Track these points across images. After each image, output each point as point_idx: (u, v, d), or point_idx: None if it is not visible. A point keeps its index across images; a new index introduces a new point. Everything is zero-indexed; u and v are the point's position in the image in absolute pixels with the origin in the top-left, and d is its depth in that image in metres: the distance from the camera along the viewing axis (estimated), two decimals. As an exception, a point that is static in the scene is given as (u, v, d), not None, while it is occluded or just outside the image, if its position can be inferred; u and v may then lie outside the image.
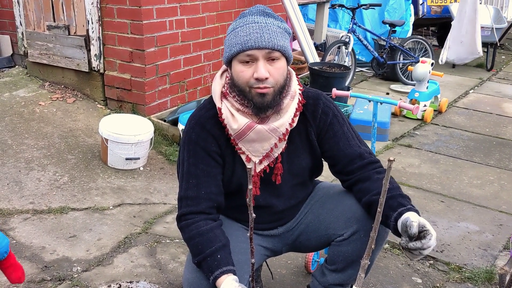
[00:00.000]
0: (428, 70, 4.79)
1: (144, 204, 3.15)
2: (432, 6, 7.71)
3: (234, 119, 1.69)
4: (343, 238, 1.82)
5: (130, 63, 4.04)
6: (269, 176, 1.79)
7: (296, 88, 1.76)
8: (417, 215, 1.56)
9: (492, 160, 4.00)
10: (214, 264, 1.59)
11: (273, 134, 1.71)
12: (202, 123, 1.74)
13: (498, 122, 4.93)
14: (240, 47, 1.60)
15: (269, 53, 1.60)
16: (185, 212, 1.71)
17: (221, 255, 1.61)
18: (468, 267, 2.60)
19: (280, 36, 1.63)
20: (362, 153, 1.79)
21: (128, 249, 2.68)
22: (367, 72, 6.60)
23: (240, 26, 1.64)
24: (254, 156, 1.74)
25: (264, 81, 1.61)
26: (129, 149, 3.46)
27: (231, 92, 1.70)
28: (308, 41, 5.31)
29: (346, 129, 1.82)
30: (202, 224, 1.67)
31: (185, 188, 1.73)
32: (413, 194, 3.39)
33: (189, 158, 1.74)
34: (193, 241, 1.66)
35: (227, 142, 1.75)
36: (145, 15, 3.89)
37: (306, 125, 1.79)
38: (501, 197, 3.38)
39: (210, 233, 1.65)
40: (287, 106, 1.72)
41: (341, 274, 1.89)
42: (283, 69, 1.66)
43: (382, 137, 4.29)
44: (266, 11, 1.67)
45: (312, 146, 1.82)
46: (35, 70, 4.60)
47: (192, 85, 4.51)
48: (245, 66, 1.63)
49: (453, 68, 6.82)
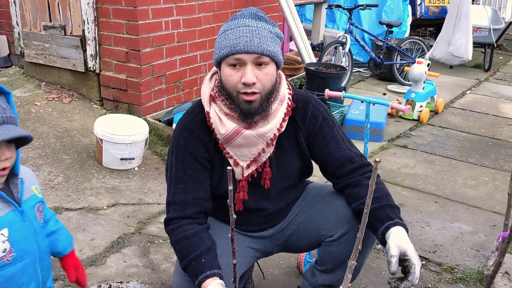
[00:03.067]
0: (424, 70, 4.79)
1: (138, 204, 3.16)
2: (430, 6, 7.72)
3: (222, 124, 1.68)
4: (333, 239, 1.82)
5: (126, 63, 4.05)
6: (257, 180, 1.79)
7: (285, 92, 1.75)
8: (400, 236, 1.56)
9: (488, 161, 4.00)
10: (198, 269, 1.59)
11: (260, 139, 1.70)
12: (191, 129, 1.74)
13: (495, 122, 4.93)
14: (229, 50, 1.59)
15: (258, 58, 1.60)
16: (172, 217, 1.72)
17: (205, 258, 1.61)
18: (460, 268, 2.61)
19: (270, 41, 1.62)
20: (352, 156, 1.79)
21: (121, 249, 2.68)
22: (364, 72, 6.60)
23: (230, 28, 1.63)
24: (241, 160, 1.74)
25: (252, 86, 1.60)
26: (124, 149, 3.46)
27: (220, 96, 1.70)
28: (304, 42, 5.31)
29: (336, 132, 1.81)
30: (188, 228, 1.67)
31: (172, 193, 1.73)
32: (407, 194, 3.39)
33: (177, 163, 1.74)
34: (178, 245, 1.67)
35: (216, 146, 1.75)
36: (141, 15, 3.89)
37: (296, 128, 1.78)
38: (495, 198, 3.39)
39: (195, 237, 1.66)
40: (275, 111, 1.71)
41: (331, 275, 1.89)
42: (271, 75, 1.65)
43: (377, 138, 4.30)
44: (258, 15, 1.66)
45: (301, 150, 1.81)
46: (32, 70, 4.61)
47: (188, 86, 4.52)
48: (233, 70, 1.62)
49: (450, 69, 6.82)
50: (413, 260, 1.50)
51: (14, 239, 1.50)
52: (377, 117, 4.30)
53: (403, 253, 1.52)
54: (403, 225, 1.61)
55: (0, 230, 1.47)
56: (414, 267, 1.50)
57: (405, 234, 1.58)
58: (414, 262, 1.50)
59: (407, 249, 1.52)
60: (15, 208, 1.52)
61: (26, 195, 1.57)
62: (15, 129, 1.44)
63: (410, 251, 1.52)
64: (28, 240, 1.54)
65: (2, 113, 1.43)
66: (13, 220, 1.50)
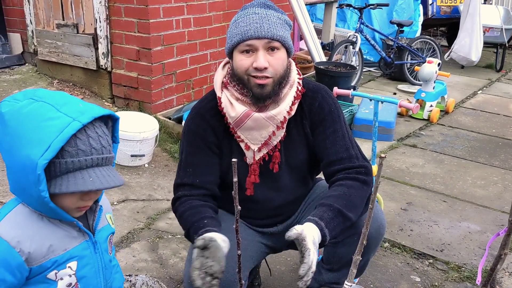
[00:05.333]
0: (434, 70, 4.78)
1: (147, 200, 3.20)
2: (442, 6, 7.68)
3: (233, 107, 1.71)
4: (337, 240, 1.82)
5: (137, 62, 4.09)
6: (267, 167, 1.80)
7: (295, 77, 1.78)
8: (307, 227, 1.52)
9: (497, 161, 3.99)
10: (200, 227, 1.59)
11: (270, 122, 1.72)
12: (202, 114, 1.78)
13: (505, 123, 4.90)
14: (240, 37, 1.64)
15: (268, 43, 1.63)
16: (180, 195, 1.75)
17: (208, 221, 1.61)
18: (468, 267, 2.61)
19: (280, 27, 1.66)
20: (343, 157, 1.74)
21: (131, 244, 2.72)
22: (375, 72, 6.59)
23: (241, 17, 1.68)
24: (252, 144, 1.76)
25: (263, 70, 1.64)
26: (135, 146, 3.51)
27: (231, 82, 1.73)
28: (314, 41, 5.32)
29: (338, 128, 1.77)
30: (195, 201, 1.71)
31: (182, 176, 1.78)
32: (416, 193, 3.39)
33: (188, 147, 1.78)
34: (184, 214, 1.69)
35: (225, 132, 1.77)
36: (152, 14, 3.93)
37: (302, 117, 1.79)
38: (504, 198, 3.38)
39: (201, 207, 1.69)
40: (285, 95, 1.73)
41: (336, 273, 1.91)
42: (282, 60, 1.68)
43: (387, 137, 4.30)
44: (266, 3, 1.71)
45: (308, 139, 1.81)
46: (45, 68, 4.68)
47: (198, 84, 4.55)
48: (246, 56, 1.66)
49: (462, 69, 6.79)
50: (308, 245, 1.46)
51: (82, 273, 1.35)
52: (386, 116, 4.30)
53: (303, 238, 1.47)
54: (319, 226, 1.56)
55: (69, 262, 1.32)
56: (309, 252, 1.45)
57: (315, 229, 1.53)
58: (309, 247, 1.45)
59: (307, 235, 1.48)
60: (89, 239, 1.36)
61: (101, 224, 1.43)
62: (111, 176, 1.26)
63: (309, 238, 1.47)
64: (97, 275, 1.40)
65: (100, 153, 1.24)
66: (85, 252, 1.35)
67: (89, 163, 1.22)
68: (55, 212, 1.24)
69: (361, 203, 1.69)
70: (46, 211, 1.26)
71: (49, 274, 1.30)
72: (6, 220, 1.27)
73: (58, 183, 1.21)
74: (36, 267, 1.28)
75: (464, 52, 6.06)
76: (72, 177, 1.21)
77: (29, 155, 1.17)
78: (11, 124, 1.21)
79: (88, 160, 1.22)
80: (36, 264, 1.27)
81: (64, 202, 1.26)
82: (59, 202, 1.24)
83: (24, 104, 1.22)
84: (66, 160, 1.20)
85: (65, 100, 1.24)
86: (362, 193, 1.69)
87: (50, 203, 1.20)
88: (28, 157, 1.17)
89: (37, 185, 1.17)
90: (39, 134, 1.17)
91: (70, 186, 1.21)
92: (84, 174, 1.22)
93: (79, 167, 1.21)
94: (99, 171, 1.24)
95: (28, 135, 1.18)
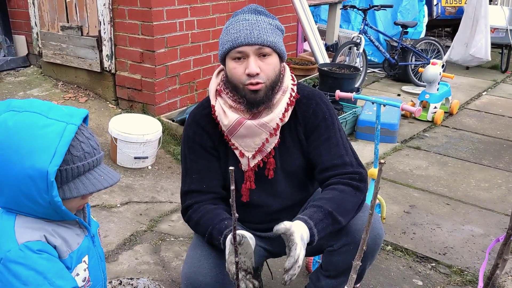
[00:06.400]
0: (438, 71, 4.76)
1: (150, 202, 3.21)
2: (447, 7, 7.65)
3: (225, 115, 1.73)
4: (333, 249, 1.82)
5: (141, 64, 4.11)
6: (263, 173, 1.81)
7: (289, 83, 1.78)
8: (296, 224, 1.53)
9: (502, 163, 3.97)
10: (222, 227, 1.62)
11: (263, 129, 1.73)
12: (197, 120, 1.81)
13: (510, 124, 4.88)
14: (231, 44, 1.65)
15: (259, 49, 1.65)
16: (190, 203, 1.77)
17: (228, 222, 1.65)
18: (470, 271, 2.60)
19: (270, 32, 1.67)
20: (337, 164, 1.73)
21: (133, 247, 2.73)
22: (379, 73, 6.58)
23: (231, 24, 1.69)
24: (246, 151, 1.77)
25: (256, 76, 1.65)
26: (138, 148, 3.52)
27: (225, 89, 1.75)
28: (318, 42, 5.32)
29: (333, 135, 1.77)
30: (209, 205, 1.74)
31: (189, 183, 1.80)
32: (419, 196, 3.39)
33: (190, 154, 1.81)
34: (202, 220, 1.70)
35: (221, 139, 1.79)
36: (156, 16, 3.95)
37: (296, 123, 1.79)
38: (508, 201, 3.36)
39: (217, 210, 1.72)
40: (278, 101, 1.74)
41: (334, 280, 1.91)
42: (274, 65, 1.69)
43: (390, 139, 4.29)
44: (257, 9, 1.72)
45: (302, 146, 1.81)
46: (49, 70, 4.70)
47: (202, 86, 4.56)
48: (237, 63, 1.67)
49: (466, 70, 6.76)
50: (295, 240, 1.47)
51: (90, 267, 1.38)
52: (390, 118, 4.30)
53: (291, 233, 1.48)
54: (308, 225, 1.57)
55: (83, 257, 1.35)
56: (295, 246, 1.46)
57: (303, 227, 1.54)
58: (296, 242, 1.47)
59: (295, 230, 1.49)
60: (88, 234, 1.40)
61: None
62: (110, 173, 1.31)
63: (297, 234, 1.49)
64: (97, 267, 1.43)
65: (98, 152, 1.29)
66: (90, 246, 1.39)
67: (95, 164, 1.28)
68: (63, 214, 1.25)
69: (352, 208, 1.69)
70: (52, 215, 1.26)
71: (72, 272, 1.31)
72: (19, 230, 1.24)
73: (71, 187, 1.24)
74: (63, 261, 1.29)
75: (481, 54, 6.07)
76: (83, 180, 1.25)
77: (34, 165, 1.16)
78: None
79: (94, 161, 1.27)
80: (62, 259, 1.28)
81: (70, 204, 1.28)
82: (65, 204, 1.26)
83: (6, 117, 1.19)
84: (77, 165, 1.23)
85: (47, 106, 1.24)
86: (354, 199, 1.69)
87: (62, 206, 1.23)
88: (33, 167, 1.16)
89: (48, 192, 1.18)
90: (39, 143, 1.17)
91: (81, 189, 1.25)
92: (92, 175, 1.27)
93: (88, 169, 1.26)
94: (99, 170, 1.29)
95: (26, 146, 1.17)
